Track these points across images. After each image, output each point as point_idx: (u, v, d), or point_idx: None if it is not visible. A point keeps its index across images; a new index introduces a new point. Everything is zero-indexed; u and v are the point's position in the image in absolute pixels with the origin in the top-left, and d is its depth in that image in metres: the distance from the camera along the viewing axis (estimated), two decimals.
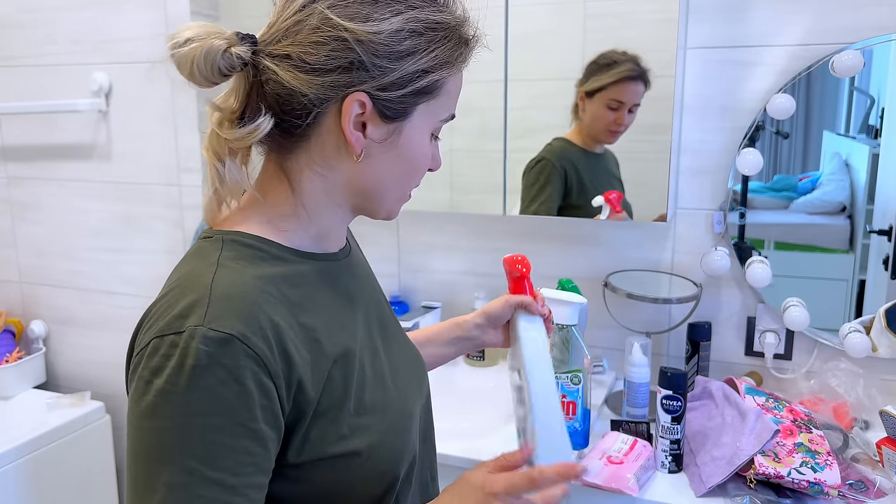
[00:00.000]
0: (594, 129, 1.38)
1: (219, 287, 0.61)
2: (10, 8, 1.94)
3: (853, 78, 1.32)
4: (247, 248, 0.67)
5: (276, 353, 0.60)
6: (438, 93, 0.68)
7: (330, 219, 0.73)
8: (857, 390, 1.34)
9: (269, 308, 0.62)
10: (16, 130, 2.02)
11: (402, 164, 0.70)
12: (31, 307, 2.13)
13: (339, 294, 0.73)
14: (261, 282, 0.64)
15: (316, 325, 0.66)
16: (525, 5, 1.39)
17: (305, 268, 0.70)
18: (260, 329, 0.60)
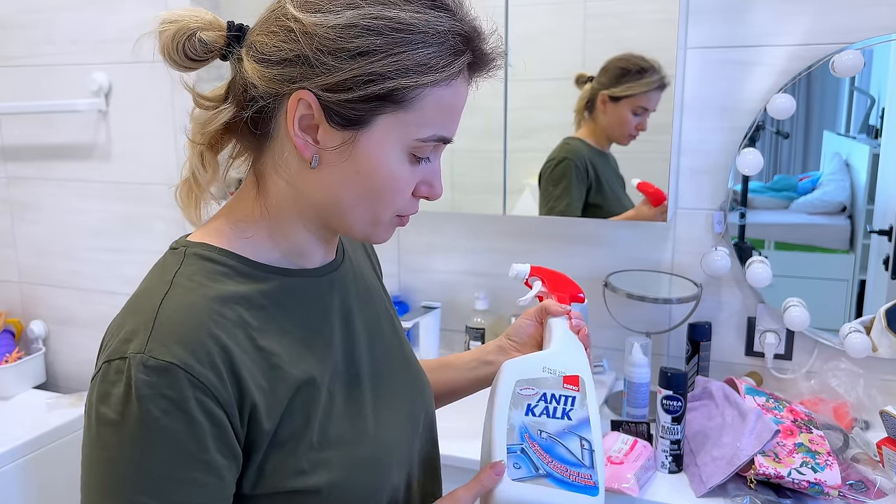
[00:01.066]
0: (615, 131, 1.38)
1: (166, 310, 0.58)
2: (10, 8, 1.94)
3: (853, 78, 1.32)
4: (209, 262, 0.63)
5: (227, 380, 0.57)
6: (408, 105, 0.59)
7: (298, 232, 0.67)
8: (858, 390, 1.34)
9: (221, 331, 0.58)
10: (15, 130, 2.02)
11: (360, 180, 0.62)
12: (31, 307, 2.13)
13: (312, 314, 0.68)
14: (215, 303, 0.60)
15: (277, 350, 0.62)
16: (525, 5, 1.39)
17: (272, 285, 0.65)
18: (207, 356, 0.56)
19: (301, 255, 0.68)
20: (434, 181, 0.67)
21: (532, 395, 0.71)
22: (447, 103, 0.62)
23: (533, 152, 1.45)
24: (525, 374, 0.72)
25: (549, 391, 0.71)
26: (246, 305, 0.62)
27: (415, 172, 0.64)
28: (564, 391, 0.71)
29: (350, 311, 0.73)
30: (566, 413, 0.70)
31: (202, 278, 0.61)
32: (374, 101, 0.58)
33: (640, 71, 1.33)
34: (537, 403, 0.70)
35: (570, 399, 0.71)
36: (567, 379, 0.72)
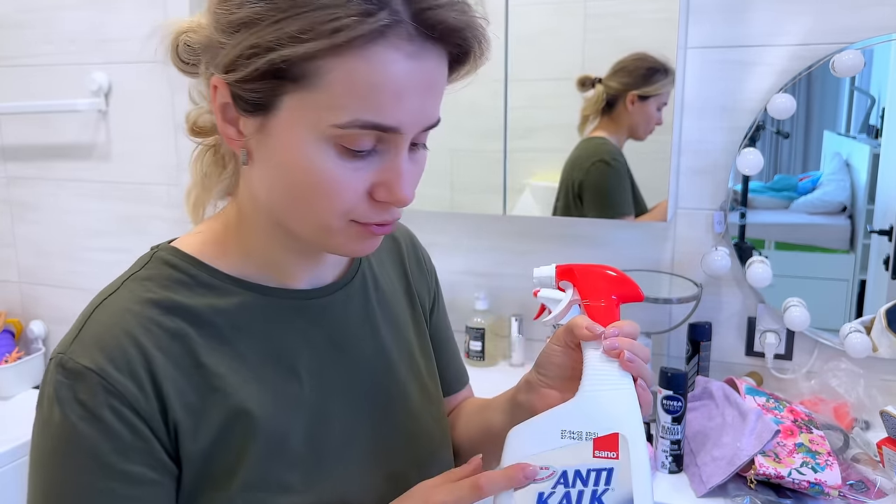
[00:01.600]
0: (640, 128, 1.38)
1: (100, 313, 0.55)
2: (9, 8, 1.94)
3: (854, 78, 1.32)
4: (170, 268, 0.59)
5: (148, 391, 0.53)
6: (310, 82, 0.49)
7: (268, 242, 0.60)
8: (858, 390, 1.34)
9: (149, 340, 0.54)
10: (15, 130, 2.02)
11: (284, 175, 0.53)
12: (31, 307, 2.13)
13: (280, 341, 0.61)
14: (154, 310, 0.56)
15: (221, 371, 0.57)
16: (525, 5, 1.39)
17: (232, 302, 0.59)
18: (127, 363, 0.53)
19: (279, 271, 0.62)
20: (393, 182, 0.53)
21: (546, 478, 0.51)
22: (363, 80, 0.49)
23: (533, 152, 1.45)
24: (535, 445, 0.52)
25: (572, 468, 0.50)
26: (192, 319, 0.57)
27: (359, 169, 0.52)
28: (595, 464, 0.51)
29: (340, 345, 0.65)
30: (597, 498, 0.49)
31: (154, 284, 0.58)
32: (269, 80, 0.50)
33: (665, 70, 1.33)
34: (553, 491, 0.50)
35: (606, 474, 0.50)
36: (600, 443, 0.51)
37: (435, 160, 1.50)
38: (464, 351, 1.64)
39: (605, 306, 0.58)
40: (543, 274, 0.62)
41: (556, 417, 0.53)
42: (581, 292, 0.59)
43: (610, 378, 0.54)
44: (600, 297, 0.58)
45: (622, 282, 0.59)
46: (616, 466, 0.50)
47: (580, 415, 0.52)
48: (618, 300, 0.58)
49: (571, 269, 0.60)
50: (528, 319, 1.59)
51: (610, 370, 0.54)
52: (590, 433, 0.51)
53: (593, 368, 0.55)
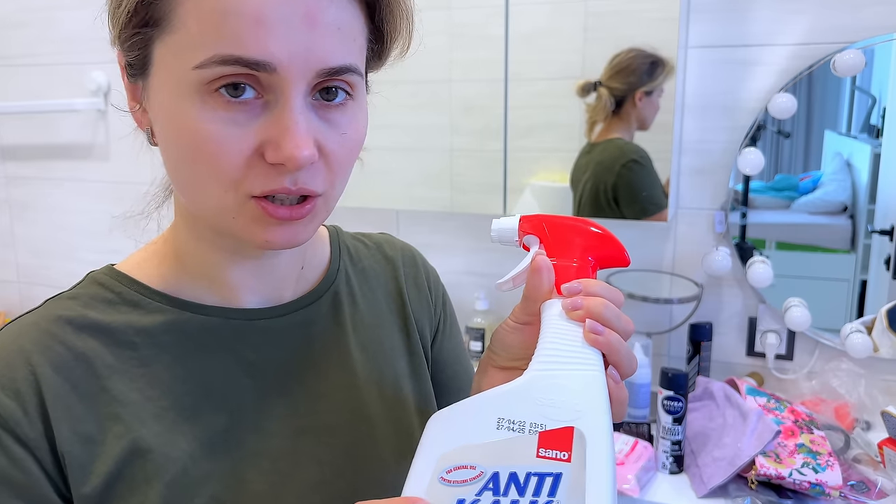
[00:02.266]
0: (648, 121, 1.37)
1: (5, 329, 0.51)
2: (8, 8, 1.94)
3: (854, 77, 1.31)
4: (98, 287, 0.53)
5: (33, 415, 0.46)
6: (169, 22, 0.44)
7: (197, 246, 0.53)
8: (859, 391, 1.33)
9: (45, 360, 0.48)
10: (14, 130, 2.02)
11: (168, 142, 0.47)
12: (30, 307, 2.12)
13: (217, 369, 0.52)
14: (65, 328, 0.50)
15: (130, 399, 0.49)
16: (525, 4, 1.39)
17: (164, 319, 0.52)
18: (11, 381, 0.47)
19: (220, 284, 0.54)
20: (282, 137, 0.44)
21: (469, 480, 0.37)
22: (214, 6, 0.42)
23: (533, 152, 1.45)
24: (460, 438, 0.38)
25: (507, 468, 0.37)
26: (106, 339, 0.50)
27: (239, 123, 0.44)
28: (539, 466, 0.37)
29: (295, 376, 0.55)
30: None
31: (76, 302, 0.52)
32: (136, 31, 0.45)
33: (661, 62, 1.33)
34: (477, 499, 0.37)
35: (551, 481, 0.36)
36: (547, 438, 0.37)
37: (434, 160, 1.51)
38: None
39: (578, 267, 0.45)
40: (504, 226, 0.49)
41: (492, 401, 0.39)
42: (548, 248, 0.46)
43: (571, 353, 0.41)
44: (572, 256, 0.45)
45: (604, 240, 0.47)
46: (566, 472, 0.36)
47: (526, 399, 0.39)
48: (595, 262, 0.46)
49: (540, 221, 0.48)
50: None
51: (572, 342, 0.41)
52: (535, 424, 0.38)
53: (550, 339, 0.42)
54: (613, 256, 0.47)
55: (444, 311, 0.71)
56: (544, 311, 0.44)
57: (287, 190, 0.45)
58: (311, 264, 0.61)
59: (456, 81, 1.45)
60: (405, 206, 1.59)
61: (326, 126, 0.46)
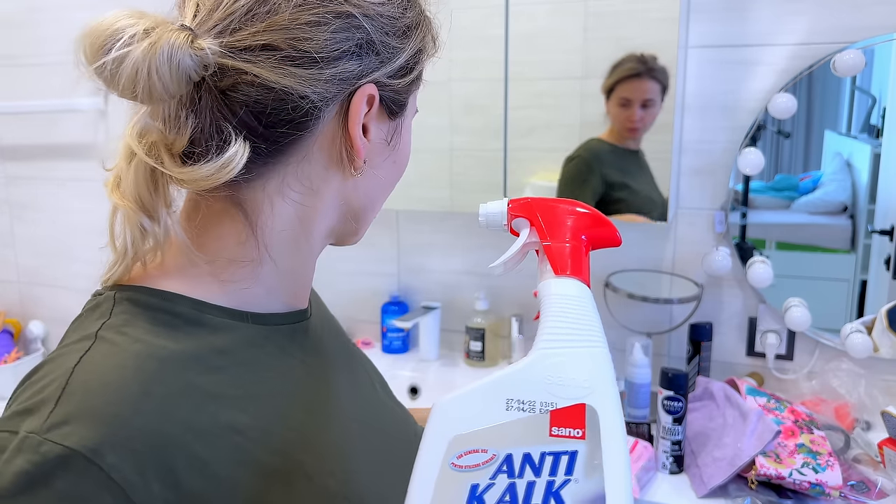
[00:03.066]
0: (617, 126, 1.39)
1: (82, 373, 0.42)
2: (9, 7, 1.94)
3: (855, 77, 1.31)
4: (143, 309, 0.47)
5: (151, 475, 0.40)
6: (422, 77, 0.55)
7: (304, 259, 0.54)
8: (859, 391, 1.33)
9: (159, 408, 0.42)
10: (15, 130, 2.02)
11: (396, 169, 0.56)
12: (30, 307, 2.13)
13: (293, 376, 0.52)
14: (158, 364, 0.43)
15: (243, 423, 0.46)
16: (525, 4, 1.39)
17: (239, 335, 0.49)
18: (126, 441, 0.39)
19: (298, 289, 0.55)
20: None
21: (481, 464, 0.36)
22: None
23: (533, 151, 1.45)
24: (468, 422, 0.37)
25: (520, 450, 0.36)
26: (197, 366, 0.46)
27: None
28: (552, 445, 0.36)
29: (337, 371, 0.59)
30: (554, 493, 0.35)
31: (141, 332, 0.45)
32: (417, 81, 0.54)
33: (618, 64, 1.33)
34: (492, 482, 0.36)
35: (567, 459, 0.36)
36: (559, 416, 0.37)
37: (435, 160, 1.51)
38: (464, 351, 1.64)
39: (572, 248, 0.45)
40: (492, 210, 0.49)
41: (500, 383, 0.38)
42: (540, 231, 0.47)
43: (575, 330, 0.40)
44: (564, 238, 0.46)
45: (595, 220, 0.47)
46: (581, 449, 0.36)
47: (533, 379, 0.38)
48: (588, 243, 0.47)
49: (529, 204, 0.48)
50: (529, 320, 1.59)
51: (575, 320, 0.41)
52: (546, 403, 0.37)
53: (553, 318, 0.41)
54: (605, 236, 0.48)
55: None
56: (543, 291, 0.44)
57: None
58: None
59: (456, 81, 1.45)
60: (405, 206, 1.59)
61: None
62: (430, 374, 1.61)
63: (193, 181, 0.45)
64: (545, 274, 0.45)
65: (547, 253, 0.46)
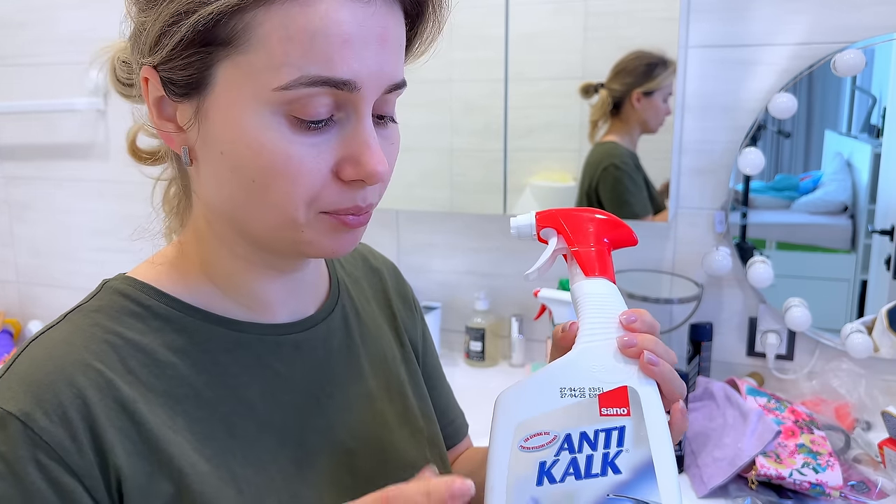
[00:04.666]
0: (652, 122, 1.37)
1: (33, 348, 0.46)
2: (7, 7, 1.93)
3: (855, 77, 1.31)
4: (122, 298, 0.50)
5: (84, 441, 0.43)
6: (243, 42, 0.43)
7: (232, 262, 0.52)
8: (859, 391, 1.33)
9: (86, 381, 0.45)
10: (13, 130, 2.01)
11: (230, 162, 0.46)
12: (29, 307, 2.13)
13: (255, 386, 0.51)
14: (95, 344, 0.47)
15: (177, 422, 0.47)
16: (525, 4, 1.38)
17: (202, 337, 0.50)
18: (57, 406, 0.43)
19: (252, 299, 0.53)
20: (360, 153, 0.46)
21: (546, 445, 0.43)
22: (303, 27, 0.43)
23: (533, 151, 1.45)
24: (530, 410, 0.44)
25: (577, 430, 0.43)
26: (145, 358, 0.48)
27: (317, 144, 0.45)
28: (603, 423, 0.43)
29: (324, 390, 0.55)
30: (610, 463, 0.42)
31: (102, 316, 0.49)
32: (197, 50, 0.44)
33: (664, 63, 1.33)
34: (556, 459, 0.42)
35: (617, 433, 0.43)
36: (606, 398, 0.44)
37: (434, 160, 1.51)
38: (464, 351, 1.64)
39: (597, 251, 0.50)
40: (522, 223, 0.53)
41: (552, 374, 0.45)
42: (567, 239, 0.51)
43: (609, 325, 0.47)
44: (589, 242, 0.51)
45: (613, 224, 0.52)
46: (628, 424, 0.43)
47: (580, 369, 0.45)
48: (609, 245, 0.52)
49: (554, 215, 0.52)
50: (529, 320, 1.59)
51: (609, 317, 0.47)
52: (594, 388, 0.44)
53: (590, 316, 0.47)
54: (624, 238, 0.53)
55: (424, 326, 0.73)
56: (577, 292, 0.50)
57: (358, 209, 0.48)
58: (323, 277, 0.61)
59: (456, 81, 1.45)
60: (405, 206, 1.59)
61: (386, 142, 0.49)
62: None
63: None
64: (576, 277, 0.51)
65: (576, 257, 0.51)
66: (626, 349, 0.46)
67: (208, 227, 0.52)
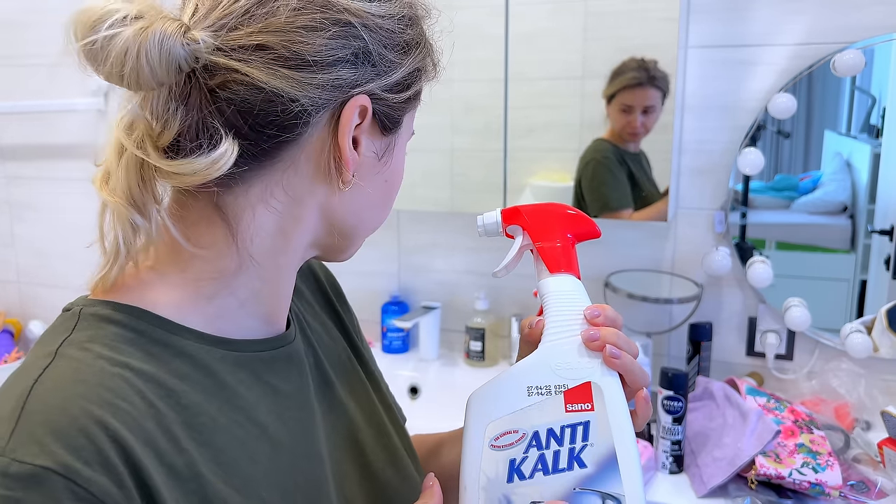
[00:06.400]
0: (617, 130, 1.40)
1: (41, 393, 0.41)
2: (8, 7, 1.94)
3: (854, 77, 1.31)
4: (109, 325, 0.45)
5: (131, 487, 0.40)
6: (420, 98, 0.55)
7: (281, 272, 0.52)
8: (859, 391, 1.34)
9: (117, 422, 0.40)
10: (14, 130, 2.02)
11: (387, 188, 0.54)
12: (30, 307, 2.13)
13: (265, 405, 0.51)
14: (110, 379, 0.42)
15: (200, 453, 0.45)
16: (525, 4, 1.39)
17: (206, 359, 0.48)
18: (97, 453, 0.39)
19: (278, 309, 0.54)
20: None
21: (515, 443, 0.45)
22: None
23: (533, 151, 1.45)
24: (499, 409, 0.46)
25: (544, 426, 0.45)
26: (156, 388, 0.44)
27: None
28: (569, 419, 0.45)
29: (314, 399, 0.56)
30: (576, 457, 0.44)
31: (101, 347, 0.44)
32: (415, 99, 0.54)
33: (622, 71, 1.34)
34: (525, 455, 0.45)
35: (582, 428, 0.45)
36: (571, 395, 0.46)
37: (435, 160, 1.51)
38: (464, 351, 1.64)
39: (561, 247, 0.52)
40: (488, 221, 0.55)
41: (520, 374, 0.47)
42: (532, 234, 0.53)
43: (573, 323, 0.48)
44: (554, 238, 0.52)
45: (576, 219, 0.53)
46: (592, 419, 0.45)
47: (546, 367, 0.47)
48: (573, 239, 0.53)
49: (518, 211, 0.54)
50: None
51: (572, 315, 0.49)
52: (559, 386, 0.46)
53: (554, 315, 0.49)
54: (587, 232, 0.54)
55: (354, 315, 0.72)
56: (542, 289, 0.51)
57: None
58: None
59: (456, 81, 1.45)
60: (406, 206, 1.59)
61: None
62: (430, 373, 1.61)
63: (183, 175, 0.44)
64: (542, 273, 0.52)
65: (540, 253, 0.52)
66: (590, 343, 0.48)
67: (283, 240, 0.50)
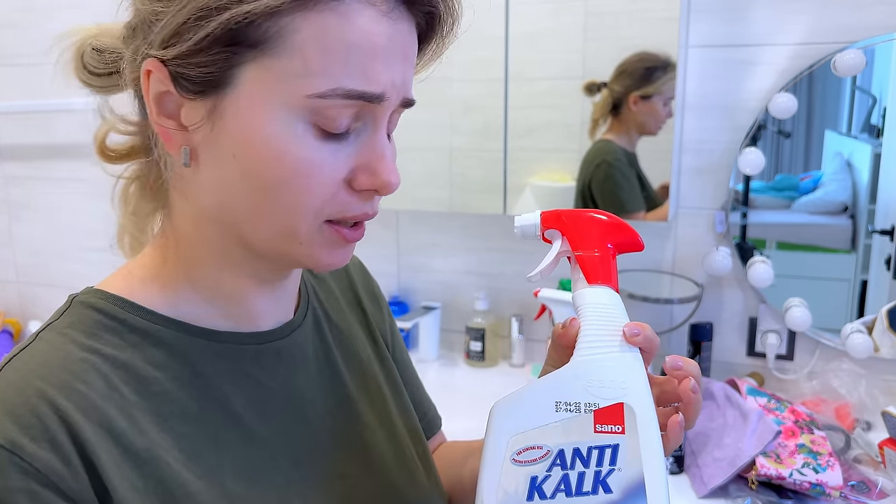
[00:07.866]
0: (649, 125, 1.38)
1: (7, 372, 0.43)
2: (5, 7, 1.93)
3: (855, 77, 1.31)
4: (94, 313, 0.47)
5: (77, 464, 0.41)
6: (274, 46, 0.42)
7: (219, 270, 0.50)
8: (860, 391, 1.33)
9: (69, 403, 0.42)
10: (12, 130, 2.01)
11: (243, 166, 0.44)
12: (29, 307, 2.12)
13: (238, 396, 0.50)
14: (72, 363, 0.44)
15: (163, 440, 0.45)
16: (525, 4, 1.38)
17: (185, 349, 0.48)
18: (45, 430, 0.40)
19: (238, 307, 0.51)
20: (377, 163, 0.46)
21: (539, 459, 0.42)
22: (340, 38, 0.42)
23: (533, 151, 1.45)
24: (525, 422, 0.44)
25: (570, 445, 0.42)
26: (125, 375, 0.45)
27: (337, 152, 0.45)
28: (597, 440, 0.42)
29: (304, 396, 0.54)
30: (601, 481, 0.41)
31: (77, 332, 0.46)
32: (222, 49, 0.42)
33: (665, 67, 1.33)
34: (548, 474, 0.42)
35: (610, 451, 0.42)
36: (602, 415, 0.43)
37: (435, 160, 1.51)
38: (464, 351, 1.64)
39: (600, 256, 0.49)
40: (526, 222, 0.51)
41: (549, 387, 0.44)
42: (571, 241, 0.49)
43: (610, 338, 0.45)
44: (594, 247, 0.49)
45: (619, 228, 0.50)
46: (622, 442, 0.42)
47: (577, 383, 0.44)
48: (614, 250, 0.50)
49: (559, 215, 0.50)
50: (529, 320, 1.59)
51: (610, 329, 0.46)
52: (589, 404, 0.43)
53: (590, 327, 0.46)
54: (629, 242, 0.51)
55: (392, 321, 0.72)
56: (578, 300, 0.48)
57: (366, 215, 0.48)
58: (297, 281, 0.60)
59: (456, 81, 1.45)
60: (405, 206, 1.59)
61: (392, 152, 0.49)
62: (429, 374, 1.61)
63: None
64: (578, 283, 0.49)
65: (579, 262, 0.49)
66: (632, 338, 0.47)
67: (196, 232, 0.49)
